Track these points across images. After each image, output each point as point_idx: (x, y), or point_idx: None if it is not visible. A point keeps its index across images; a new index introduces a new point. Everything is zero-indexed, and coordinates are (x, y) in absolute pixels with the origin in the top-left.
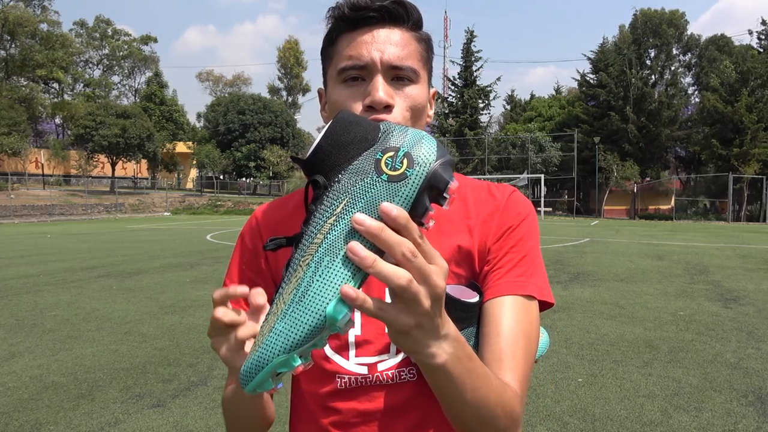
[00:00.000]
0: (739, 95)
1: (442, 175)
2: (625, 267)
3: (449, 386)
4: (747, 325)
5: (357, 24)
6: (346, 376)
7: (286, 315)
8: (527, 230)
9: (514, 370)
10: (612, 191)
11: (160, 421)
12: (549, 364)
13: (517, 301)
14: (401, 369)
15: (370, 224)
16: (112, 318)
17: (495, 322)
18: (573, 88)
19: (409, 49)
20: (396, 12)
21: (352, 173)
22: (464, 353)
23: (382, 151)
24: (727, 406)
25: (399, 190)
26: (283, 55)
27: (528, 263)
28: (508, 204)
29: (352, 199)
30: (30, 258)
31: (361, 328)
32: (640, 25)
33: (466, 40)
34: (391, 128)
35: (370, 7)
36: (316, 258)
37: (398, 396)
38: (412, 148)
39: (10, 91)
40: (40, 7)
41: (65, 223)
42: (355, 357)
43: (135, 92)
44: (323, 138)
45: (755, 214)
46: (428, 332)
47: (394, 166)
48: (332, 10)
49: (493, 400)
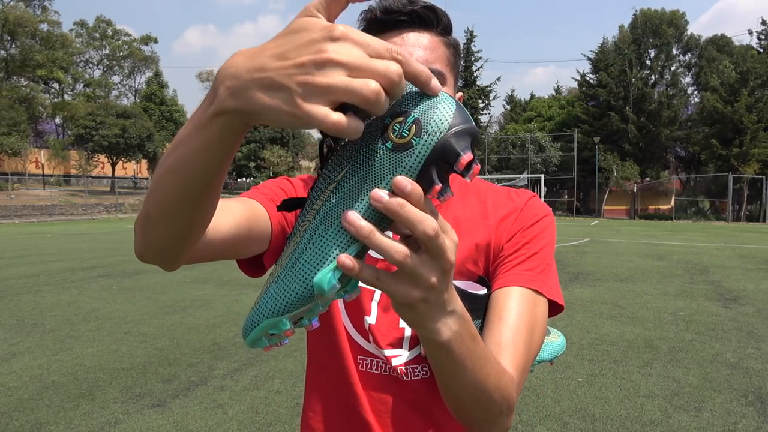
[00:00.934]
0: (738, 95)
1: (453, 146)
2: (625, 267)
3: (449, 364)
4: (747, 325)
5: (387, 27)
6: (368, 359)
7: (279, 279)
8: (541, 230)
9: (513, 357)
10: (612, 191)
11: (160, 421)
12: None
13: (523, 292)
14: (414, 366)
15: (388, 201)
16: (112, 318)
17: (499, 309)
18: (573, 88)
19: (437, 53)
20: (426, 17)
21: (358, 138)
22: (468, 332)
23: (391, 115)
24: (727, 406)
25: (403, 160)
26: None
27: (539, 260)
28: (526, 207)
29: (354, 166)
30: (30, 258)
31: (376, 319)
32: (640, 25)
33: (466, 40)
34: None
35: (402, 11)
36: (312, 225)
37: (413, 392)
38: (424, 113)
39: (11, 91)
40: (40, 7)
41: (65, 223)
42: (371, 343)
43: (135, 92)
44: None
45: (755, 214)
46: (434, 307)
47: (401, 133)
48: (364, 13)
49: (491, 383)
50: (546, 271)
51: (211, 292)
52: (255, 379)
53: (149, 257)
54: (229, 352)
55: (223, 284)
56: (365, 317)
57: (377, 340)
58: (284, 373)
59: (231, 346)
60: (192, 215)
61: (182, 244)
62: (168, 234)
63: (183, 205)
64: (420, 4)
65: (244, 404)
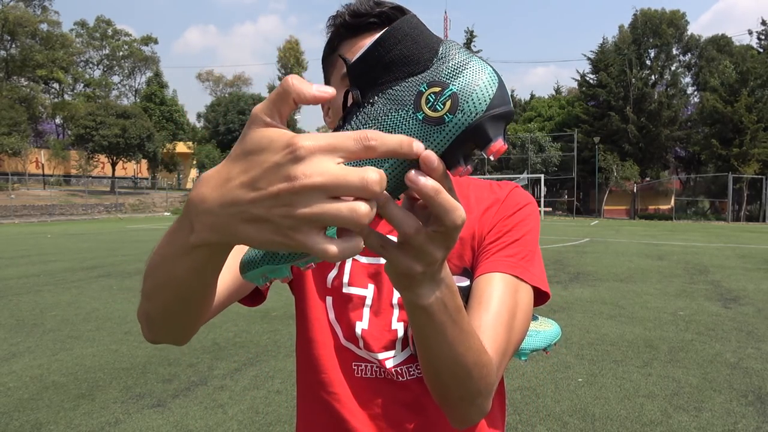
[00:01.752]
0: (738, 95)
1: (486, 131)
2: (625, 267)
3: (429, 330)
4: (747, 325)
5: (358, 31)
6: (363, 364)
7: None
8: (523, 218)
9: (494, 340)
10: (612, 191)
11: (160, 421)
12: (549, 364)
13: (505, 278)
14: (409, 365)
15: (425, 184)
16: (112, 318)
17: (479, 295)
18: (573, 88)
19: None
20: (395, 17)
21: (389, 99)
22: (453, 303)
23: (428, 83)
24: (727, 406)
25: (432, 134)
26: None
27: (521, 247)
28: (508, 197)
29: (380, 129)
30: (30, 258)
31: (368, 323)
32: (640, 25)
33: (466, 40)
34: (450, 54)
35: (371, 13)
36: None
37: (408, 392)
38: (463, 88)
39: (11, 91)
40: (40, 7)
41: (65, 223)
42: (363, 349)
43: (135, 92)
44: (371, 47)
45: (755, 214)
46: (428, 277)
47: (435, 106)
48: (333, 18)
49: (470, 359)
50: (528, 258)
51: None
52: (255, 379)
53: (160, 341)
54: (229, 352)
55: None
56: (357, 323)
57: (369, 345)
58: (284, 373)
59: (231, 346)
60: (193, 313)
61: (188, 331)
62: (174, 328)
63: (183, 308)
64: (387, 5)
65: (244, 404)
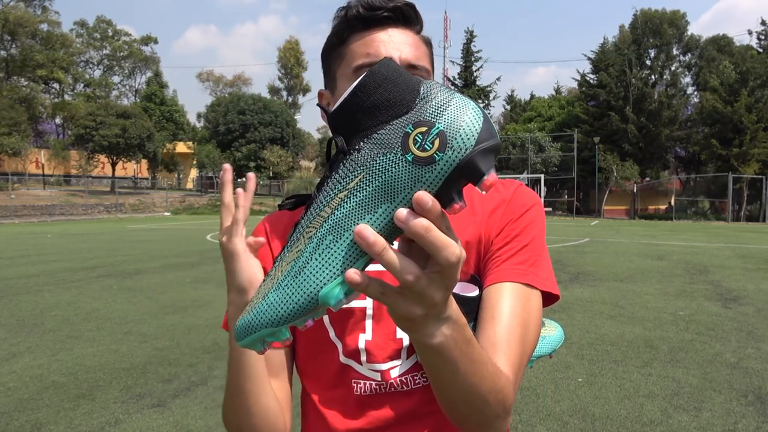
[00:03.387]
0: (738, 95)
1: (478, 165)
2: (625, 267)
3: (441, 367)
4: (747, 325)
5: (370, 24)
6: (362, 382)
7: (280, 287)
8: (531, 221)
9: (508, 356)
10: (612, 191)
11: (160, 420)
12: (549, 364)
13: (515, 288)
14: (414, 374)
15: (414, 223)
16: (113, 318)
17: (491, 307)
18: (573, 88)
19: (421, 50)
20: (408, 14)
21: (375, 144)
22: (462, 337)
23: (414, 123)
24: (727, 406)
25: (423, 175)
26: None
27: (530, 252)
28: (514, 197)
29: (369, 174)
30: (30, 258)
31: (372, 334)
32: (640, 25)
33: (466, 40)
34: (432, 93)
35: (385, 7)
36: (320, 233)
37: (412, 402)
38: (450, 125)
39: (11, 91)
40: (40, 7)
41: (65, 223)
42: (366, 362)
43: (135, 92)
44: (351, 94)
45: (755, 214)
46: (431, 318)
47: (423, 146)
48: (344, 10)
49: (485, 387)
50: (537, 263)
51: (211, 292)
52: None
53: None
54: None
55: (223, 284)
56: (360, 335)
57: (374, 357)
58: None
59: None
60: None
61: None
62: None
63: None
64: (402, 1)
65: None
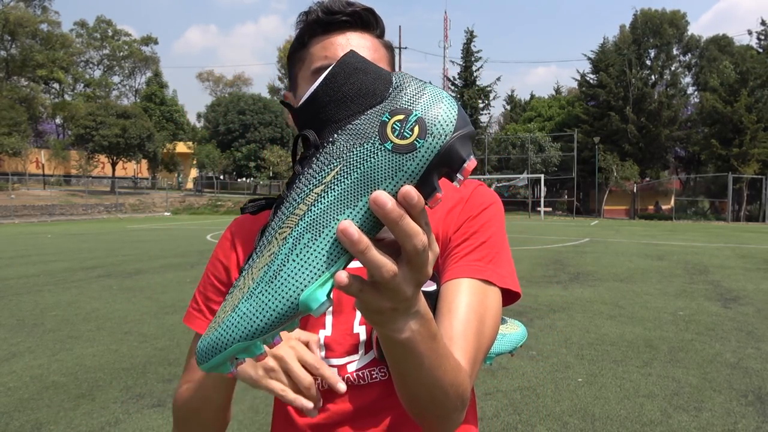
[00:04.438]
0: (738, 95)
1: (459, 151)
2: (625, 267)
3: (407, 362)
4: (746, 325)
5: (330, 28)
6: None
7: (253, 295)
8: (489, 219)
9: (465, 349)
10: (612, 191)
11: (160, 420)
12: (549, 364)
13: (472, 284)
14: (371, 369)
15: (391, 208)
16: (113, 318)
17: (448, 302)
18: (573, 88)
19: (380, 53)
20: (367, 18)
21: (350, 134)
22: (428, 331)
23: (390, 112)
24: (727, 405)
25: (404, 163)
26: (284, 55)
27: (488, 249)
28: (472, 196)
29: (347, 166)
30: (30, 258)
31: (332, 329)
32: (640, 25)
33: (466, 40)
34: (405, 82)
35: (344, 11)
36: (296, 233)
37: (370, 396)
38: (427, 112)
39: (11, 91)
40: (40, 7)
41: (66, 223)
42: (324, 358)
43: (135, 92)
44: (321, 85)
45: (755, 214)
46: (401, 313)
47: (402, 134)
48: (305, 15)
49: (447, 380)
50: (495, 260)
51: None
52: None
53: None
54: None
55: None
56: (320, 331)
57: (332, 351)
58: None
59: None
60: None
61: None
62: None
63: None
64: (360, 6)
65: (245, 404)
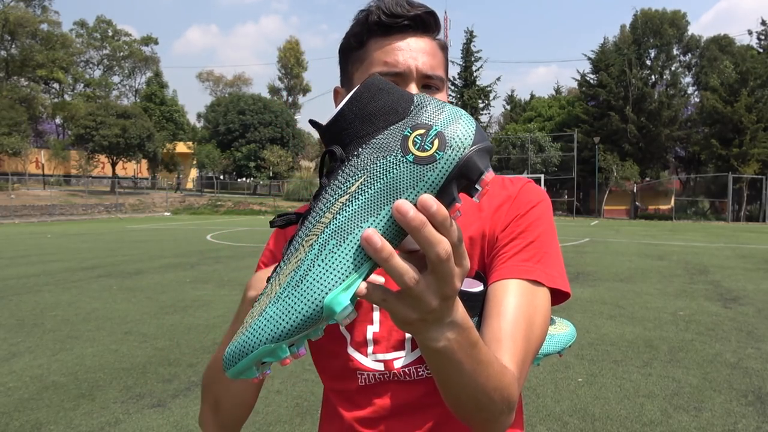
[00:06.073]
0: (738, 95)
1: (477, 163)
2: (625, 267)
3: (446, 369)
4: (746, 325)
5: (390, 30)
6: (366, 373)
7: (280, 299)
8: (537, 217)
9: (513, 352)
10: (612, 191)
11: (160, 420)
12: (549, 364)
13: (521, 285)
14: (418, 366)
15: (414, 216)
16: (113, 318)
17: (496, 303)
18: (573, 88)
19: (438, 58)
20: (428, 21)
21: (374, 148)
22: (467, 340)
23: (411, 127)
24: (727, 406)
25: (425, 174)
26: (284, 55)
27: (536, 249)
28: (520, 194)
29: (370, 177)
30: (30, 258)
31: (379, 325)
32: (640, 25)
33: (466, 40)
34: (425, 102)
35: (406, 15)
36: (321, 239)
37: (416, 392)
38: (447, 127)
39: (11, 91)
40: (40, 7)
41: (66, 223)
42: (372, 353)
43: (135, 92)
44: (347, 104)
45: (755, 214)
46: (431, 324)
47: (423, 147)
48: (364, 14)
49: (491, 385)
50: (544, 260)
51: (211, 292)
52: None
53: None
54: None
55: (224, 284)
56: (368, 327)
57: (379, 346)
58: (284, 373)
59: None
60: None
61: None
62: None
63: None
64: (422, 9)
65: None
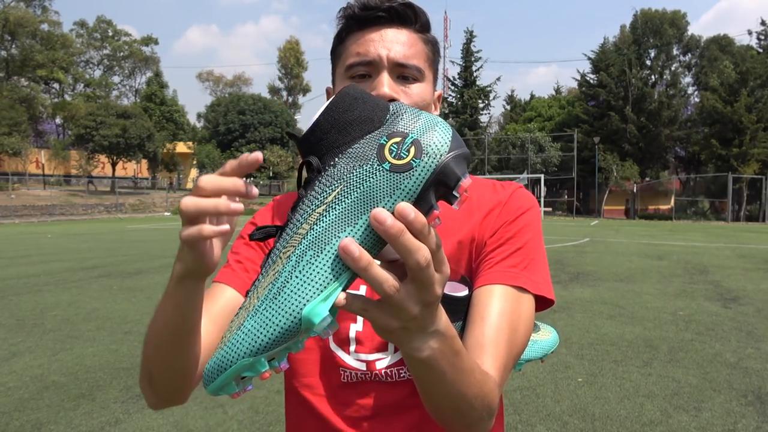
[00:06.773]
0: (738, 95)
1: (454, 169)
2: (624, 267)
3: (429, 378)
4: (746, 324)
5: (366, 23)
6: (348, 370)
7: (258, 312)
8: (526, 224)
9: (495, 357)
10: (612, 191)
11: (160, 420)
12: (549, 364)
13: (506, 290)
14: (400, 367)
15: (391, 224)
16: (113, 318)
17: (481, 308)
18: (573, 88)
19: (416, 48)
20: (404, 13)
21: (350, 158)
22: (450, 349)
23: (387, 135)
24: (727, 405)
25: (402, 182)
26: (284, 55)
27: (523, 255)
28: (511, 200)
29: (347, 187)
30: (30, 258)
31: (362, 325)
32: (640, 25)
33: (466, 40)
34: (401, 110)
35: (380, 7)
36: (299, 251)
37: (397, 394)
38: (423, 135)
39: (11, 91)
40: (40, 7)
41: (66, 223)
42: (355, 353)
43: (135, 92)
44: (323, 114)
45: (754, 214)
46: (414, 332)
47: (399, 155)
48: (342, 10)
49: (472, 393)
50: (530, 267)
51: None
52: (255, 379)
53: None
54: None
55: None
56: (351, 325)
57: (362, 346)
58: (284, 373)
59: None
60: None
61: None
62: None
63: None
64: (398, 0)
65: (245, 404)
